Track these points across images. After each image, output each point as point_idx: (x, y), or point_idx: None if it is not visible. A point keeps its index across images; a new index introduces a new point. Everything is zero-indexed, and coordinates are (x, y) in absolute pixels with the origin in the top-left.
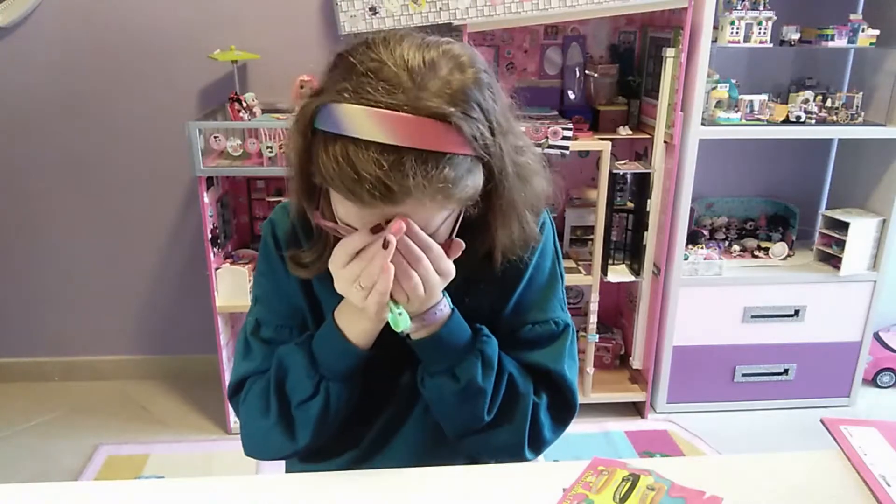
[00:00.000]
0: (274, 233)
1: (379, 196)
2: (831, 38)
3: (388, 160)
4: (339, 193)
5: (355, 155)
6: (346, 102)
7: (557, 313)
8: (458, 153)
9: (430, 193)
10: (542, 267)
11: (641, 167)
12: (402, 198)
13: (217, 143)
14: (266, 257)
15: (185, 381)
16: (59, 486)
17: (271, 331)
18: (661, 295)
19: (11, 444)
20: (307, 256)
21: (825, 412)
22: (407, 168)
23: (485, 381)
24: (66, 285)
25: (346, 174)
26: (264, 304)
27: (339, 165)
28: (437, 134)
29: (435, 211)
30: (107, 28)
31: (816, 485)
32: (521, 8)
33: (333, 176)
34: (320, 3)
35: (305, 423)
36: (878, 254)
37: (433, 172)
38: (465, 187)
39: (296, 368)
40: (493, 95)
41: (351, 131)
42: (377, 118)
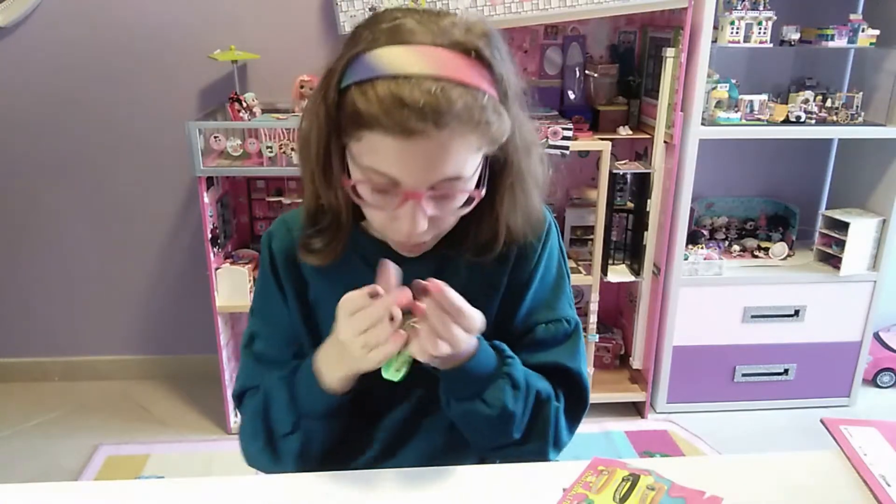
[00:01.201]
0: (270, 247)
1: (429, 117)
2: (831, 38)
3: (434, 87)
4: (381, 131)
5: (399, 87)
6: (378, 48)
7: (567, 312)
8: (490, 92)
9: (470, 125)
10: (550, 267)
11: (641, 167)
12: (449, 121)
13: (217, 143)
14: (262, 270)
15: (185, 381)
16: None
17: (264, 344)
18: (661, 295)
19: (11, 444)
20: (318, 242)
21: (825, 412)
22: (452, 95)
23: (515, 405)
24: (66, 285)
25: (391, 106)
26: (259, 318)
27: (382, 100)
28: (472, 67)
29: (472, 148)
30: (107, 28)
31: (816, 485)
32: (521, 8)
33: (376, 113)
34: (320, 3)
35: (288, 454)
36: (878, 254)
37: (474, 103)
38: (499, 128)
39: (278, 403)
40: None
41: (391, 69)
42: (417, 52)
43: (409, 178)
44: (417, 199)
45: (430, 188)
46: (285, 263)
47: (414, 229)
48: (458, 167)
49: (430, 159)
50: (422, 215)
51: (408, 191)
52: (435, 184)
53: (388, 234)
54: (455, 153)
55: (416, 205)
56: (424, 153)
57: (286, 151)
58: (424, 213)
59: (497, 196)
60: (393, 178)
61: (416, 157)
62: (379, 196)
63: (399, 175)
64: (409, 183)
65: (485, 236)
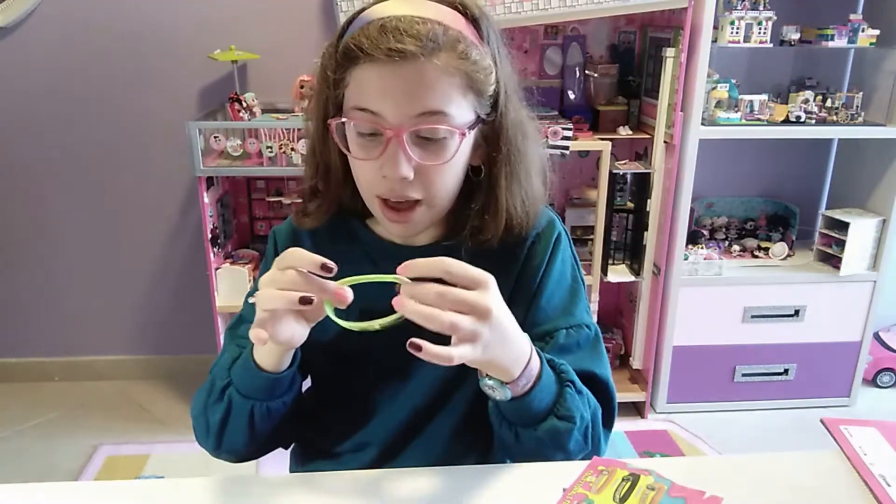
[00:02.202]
0: (276, 240)
1: (411, 39)
2: (831, 38)
3: (418, 19)
4: (365, 61)
5: (391, 20)
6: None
7: (586, 318)
8: (477, 44)
9: (452, 56)
10: (565, 272)
11: (641, 167)
12: (431, 47)
13: (217, 143)
14: (264, 262)
15: (185, 381)
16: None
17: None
18: (661, 295)
19: (11, 444)
20: (312, 205)
21: (825, 412)
22: (431, 27)
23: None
24: (66, 285)
25: (375, 34)
26: (250, 306)
27: (368, 32)
28: (458, 20)
29: (455, 85)
30: (107, 28)
31: (816, 485)
32: (521, 8)
33: (361, 43)
34: (320, 3)
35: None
36: (878, 254)
37: (460, 42)
38: (483, 69)
39: (220, 366)
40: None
41: (382, 13)
42: (410, 3)
43: (390, 110)
44: (400, 136)
45: (414, 126)
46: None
47: (398, 171)
48: (441, 101)
49: (412, 86)
50: (405, 157)
51: (390, 128)
52: (417, 117)
53: (376, 192)
54: (438, 83)
55: (400, 143)
56: (406, 79)
57: (286, 151)
58: (408, 156)
59: (495, 175)
60: (374, 113)
61: (398, 83)
62: (362, 144)
63: (380, 107)
64: (390, 117)
65: (485, 221)
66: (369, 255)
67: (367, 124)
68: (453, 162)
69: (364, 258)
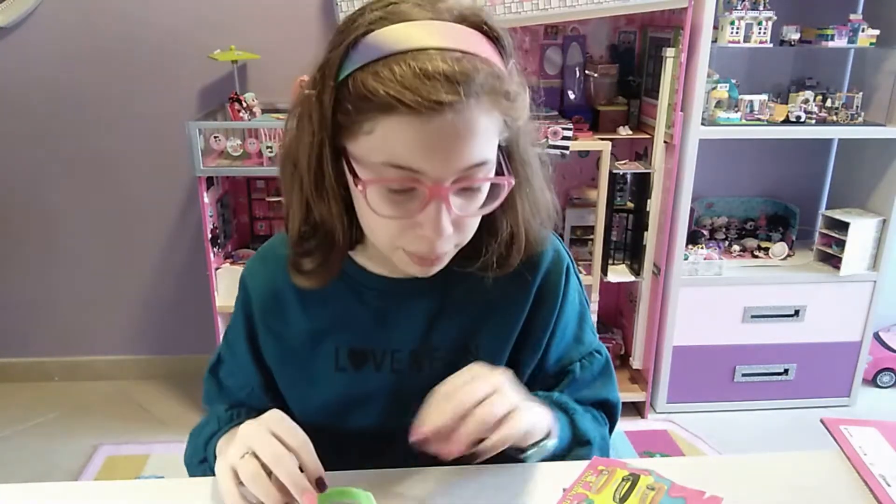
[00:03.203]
0: (247, 289)
1: (459, 85)
2: (831, 38)
3: (453, 57)
4: (401, 113)
5: (417, 60)
6: (379, 29)
7: (595, 342)
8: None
9: (494, 97)
10: (575, 302)
11: (641, 167)
12: (476, 90)
13: (217, 143)
14: (235, 307)
15: (185, 381)
16: (59, 486)
17: (226, 374)
18: (661, 295)
19: (11, 444)
20: (309, 263)
21: (825, 412)
22: (471, 65)
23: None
24: (66, 285)
25: (414, 80)
26: (226, 346)
27: (402, 77)
28: (484, 43)
29: (495, 127)
30: (107, 28)
31: (816, 485)
32: (521, 8)
33: (396, 91)
34: (320, 3)
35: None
36: (878, 254)
37: (498, 77)
38: (522, 103)
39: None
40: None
41: (401, 45)
42: (426, 27)
43: (435, 167)
44: (444, 195)
45: (455, 180)
46: (264, 306)
47: (440, 233)
48: (485, 149)
49: (458, 140)
50: (447, 215)
51: (432, 185)
52: (461, 172)
53: (404, 246)
54: (483, 131)
55: (442, 202)
56: (452, 133)
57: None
58: (452, 212)
59: (511, 200)
60: (415, 171)
61: (443, 139)
62: (394, 201)
63: (423, 165)
64: (433, 174)
65: (501, 245)
66: (355, 290)
67: (403, 183)
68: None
69: (349, 292)
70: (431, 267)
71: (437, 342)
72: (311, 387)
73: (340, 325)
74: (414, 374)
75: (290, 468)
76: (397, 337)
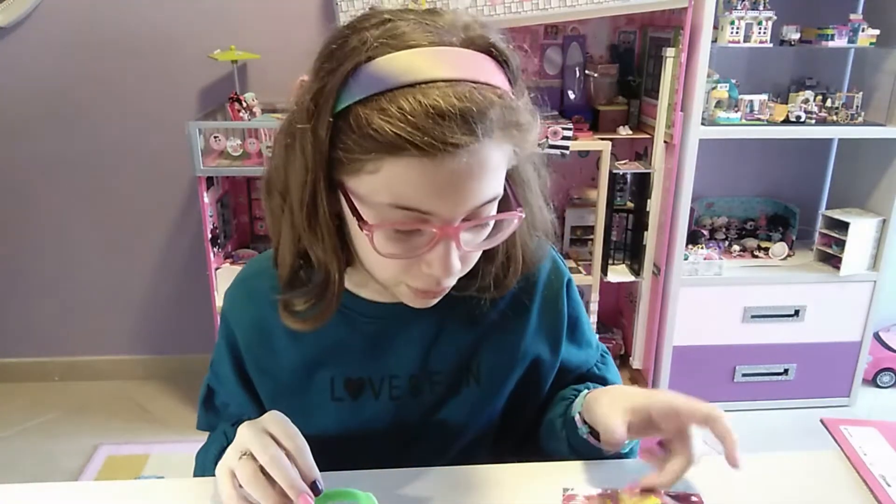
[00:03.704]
0: (229, 324)
1: (474, 125)
2: (831, 38)
3: (465, 91)
4: (410, 154)
5: (426, 96)
6: (380, 56)
7: (595, 339)
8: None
9: (507, 131)
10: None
11: (641, 167)
12: (491, 128)
13: (217, 143)
14: (219, 338)
15: (185, 381)
16: (59, 486)
17: (221, 401)
18: (661, 295)
19: (11, 444)
20: (301, 304)
21: (825, 412)
22: (484, 99)
23: None
24: (66, 285)
25: (425, 120)
26: (215, 376)
27: (411, 115)
28: (493, 69)
29: (505, 160)
30: (107, 28)
31: (816, 485)
32: (521, 8)
33: (405, 132)
34: (320, 3)
35: None
36: (878, 254)
37: (509, 108)
38: (532, 132)
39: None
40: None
41: (407, 76)
42: (435, 55)
43: (446, 209)
44: (454, 235)
45: (470, 220)
46: (250, 342)
47: (448, 273)
48: (496, 185)
49: (471, 181)
50: (455, 253)
51: (441, 226)
52: (472, 211)
53: (408, 282)
54: (494, 168)
55: (455, 240)
56: (465, 174)
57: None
58: (461, 250)
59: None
60: (424, 213)
61: (455, 180)
62: (401, 240)
63: (433, 207)
64: (444, 215)
65: (498, 267)
66: (347, 317)
67: (411, 225)
68: None
69: (341, 320)
70: (434, 300)
71: (436, 366)
72: (306, 419)
73: (334, 355)
74: (414, 399)
75: (285, 470)
76: (394, 363)
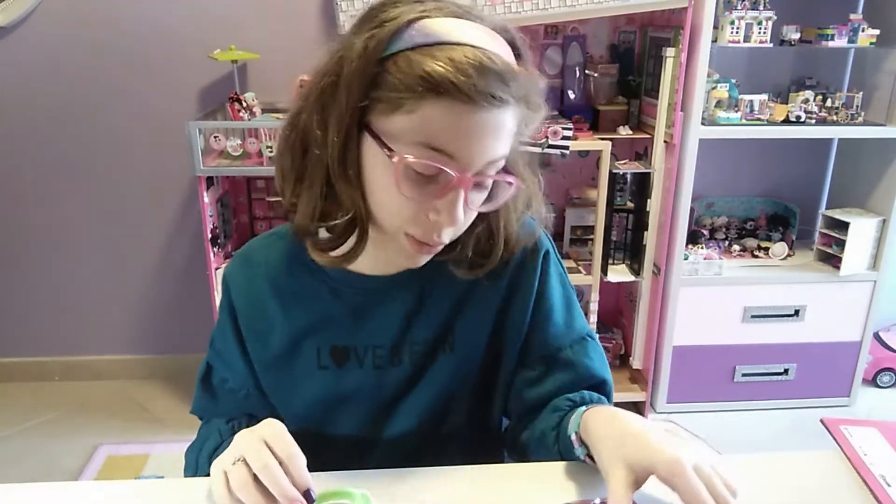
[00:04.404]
0: (230, 292)
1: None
2: (831, 38)
3: (502, 61)
4: (451, 98)
5: (475, 55)
6: (436, 18)
7: (584, 327)
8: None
9: (525, 104)
10: (559, 288)
11: (641, 167)
12: (515, 96)
13: (217, 143)
14: (221, 313)
15: (185, 381)
16: (59, 486)
17: (218, 380)
18: (661, 295)
19: (11, 444)
20: (327, 244)
21: (825, 412)
22: (514, 72)
23: None
24: (66, 285)
25: (471, 70)
26: (215, 352)
27: (460, 63)
28: (506, 46)
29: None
30: (107, 28)
31: (816, 485)
32: (521, 8)
33: (452, 76)
34: (320, 3)
35: None
36: (878, 254)
37: (531, 87)
38: (540, 115)
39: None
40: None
41: (460, 37)
42: (480, 29)
43: (467, 156)
44: (466, 185)
45: (481, 174)
46: (247, 310)
47: (455, 221)
48: (504, 149)
49: (493, 135)
50: (462, 204)
51: (458, 174)
52: (484, 166)
53: (411, 229)
54: (508, 132)
55: (462, 191)
56: (491, 128)
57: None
58: (467, 203)
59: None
60: (448, 155)
61: (481, 130)
62: (418, 182)
63: (457, 151)
64: (464, 161)
65: (480, 244)
66: (333, 289)
67: (433, 165)
68: None
69: (327, 292)
70: (426, 255)
71: (416, 336)
72: (294, 389)
73: (320, 325)
74: (395, 367)
75: (277, 478)
76: (378, 333)
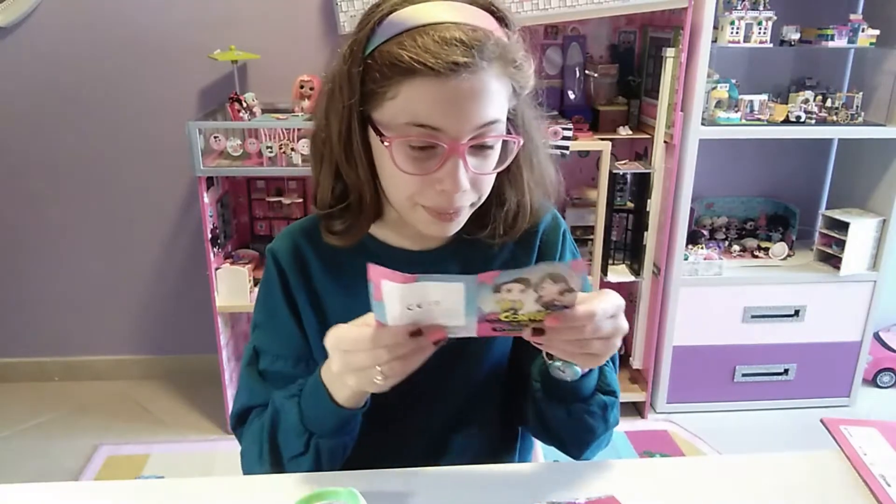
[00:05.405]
0: (277, 261)
1: (474, 50)
2: (831, 38)
3: (468, 28)
4: (423, 75)
5: (437, 31)
6: (402, 9)
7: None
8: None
9: (505, 63)
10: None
11: (641, 167)
12: (490, 56)
13: (217, 143)
14: (267, 286)
15: (185, 381)
16: (59, 486)
17: (269, 361)
18: (661, 295)
19: (11, 444)
20: (339, 224)
21: (825, 412)
22: (483, 34)
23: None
24: (66, 285)
25: (434, 46)
26: (263, 331)
27: (424, 44)
28: (492, 21)
29: (505, 91)
30: (107, 28)
31: (816, 485)
32: (521, 8)
33: (418, 56)
34: (320, 3)
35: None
36: (878, 254)
37: (508, 49)
38: (527, 72)
39: (286, 423)
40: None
41: (423, 20)
42: (443, 6)
43: (453, 125)
44: (461, 152)
45: (471, 138)
46: (295, 274)
47: (458, 187)
48: (496, 110)
49: (473, 99)
50: (464, 171)
51: (450, 143)
52: (476, 131)
53: (424, 202)
54: (494, 93)
55: (459, 158)
56: (468, 92)
57: (286, 151)
58: (468, 168)
59: (517, 167)
60: (434, 128)
61: (459, 97)
62: (416, 158)
63: (442, 122)
64: (452, 130)
65: (509, 214)
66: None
67: (423, 140)
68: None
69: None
70: (449, 223)
71: None
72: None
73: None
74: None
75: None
76: None
